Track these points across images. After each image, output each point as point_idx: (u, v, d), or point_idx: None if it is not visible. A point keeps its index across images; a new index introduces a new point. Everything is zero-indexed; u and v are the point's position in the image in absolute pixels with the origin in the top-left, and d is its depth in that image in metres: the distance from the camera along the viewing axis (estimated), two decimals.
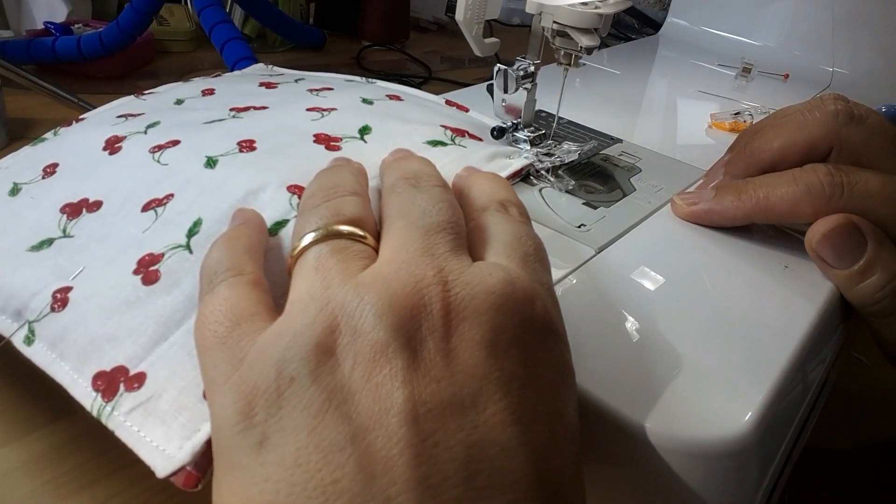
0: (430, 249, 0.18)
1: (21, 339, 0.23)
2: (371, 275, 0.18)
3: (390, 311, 0.16)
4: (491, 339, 0.17)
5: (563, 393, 0.18)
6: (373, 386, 0.15)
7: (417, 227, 0.19)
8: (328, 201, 0.21)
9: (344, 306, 0.17)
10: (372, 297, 0.16)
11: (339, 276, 0.18)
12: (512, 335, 0.17)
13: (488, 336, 0.17)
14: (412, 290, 0.17)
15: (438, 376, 0.16)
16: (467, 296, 0.17)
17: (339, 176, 0.23)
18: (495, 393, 0.16)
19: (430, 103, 0.38)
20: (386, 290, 0.17)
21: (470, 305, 0.17)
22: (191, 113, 0.32)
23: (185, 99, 0.35)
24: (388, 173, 0.24)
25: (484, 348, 0.16)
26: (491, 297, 0.17)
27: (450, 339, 0.16)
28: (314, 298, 0.17)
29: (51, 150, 0.31)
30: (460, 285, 0.17)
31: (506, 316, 0.17)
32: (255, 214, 0.23)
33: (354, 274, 0.18)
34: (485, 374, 0.16)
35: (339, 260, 0.18)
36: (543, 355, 0.18)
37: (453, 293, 0.17)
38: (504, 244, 0.20)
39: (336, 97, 0.35)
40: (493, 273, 0.18)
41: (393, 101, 0.36)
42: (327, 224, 0.20)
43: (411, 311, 0.16)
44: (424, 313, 0.17)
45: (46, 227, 0.26)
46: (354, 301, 0.17)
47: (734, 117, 0.47)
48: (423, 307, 0.17)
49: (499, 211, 0.22)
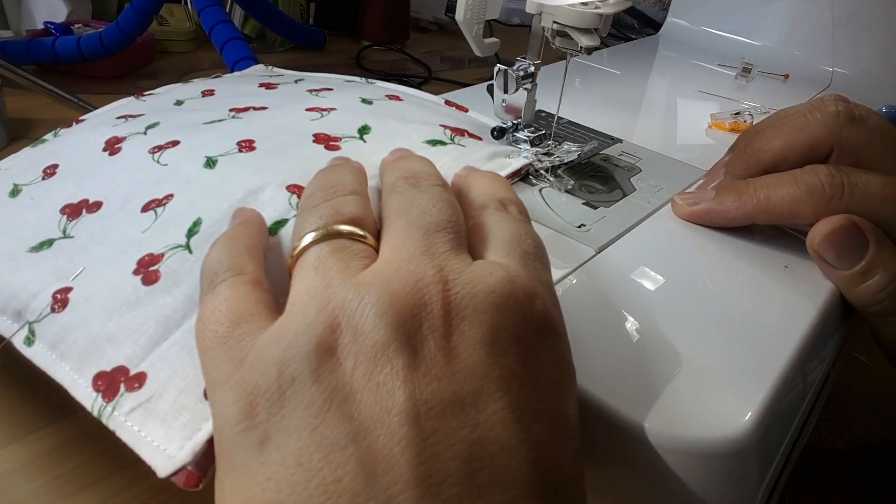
0: (430, 248, 0.18)
1: (21, 340, 0.23)
2: (371, 274, 0.18)
3: (391, 311, 0.16)
4: (491, 338, 0.17)
5: (563, 391, 0.18)
6: (374, 385, 0.15)
7: (417, 226, 0.19)
8: (328, 201, 0.21)
9: (344, 306, 0.17)
10: (372, 297, 0.16)
11: (340, 276, 0.18)
12: (512, 334, 0.17)
13: (488, 335, 0.17)
14: (412, 289, 0.17)
15: (439, 375, 0.16)
16: (467, 295, 0.17)
17: (338, 175, 0.23)
18: (496, 391, 0.16)
19: (429, 103, 0.39)
20: (386, 290, 0.17)
21: (470, 304, 0.17)
22: (190, 114, 0.32)
23: (184, 100, 0.35)
24: (388, 173, 0.24)
25: (484, 347, 0.16)
26: (491, 296, 0.17)
27: (450, 338, 0.16)
28: (314, 298, 0.17)
29: (51, 152, 0.31)
30: (460, 284, 0.17)
31: (506, 314, 0.17)
32: (255, 214, 0.23)
33: (355, 273, 0.18)
34: (485, 373, 0.16)
35: (339, 259, 0.18)
36: (543, 353, 0.18)
37: (453, 292, 0.17)
38: (504, 242, 0.20)
39: (335, 97, 0.35)
40: (493, 272, 0.18)
41: (392, 100, 0.36)
42: (327, 224, 0.20)
43: (412, 311, 0.16)
44: (425, 312, 0.17)
45: (46, 227, 0.26)
46: (355, 300, 0.17)
47: (734, 117, 0.47)
48: (423, 306, 0.17)
49: (498, 209, 0.22)
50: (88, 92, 0.61)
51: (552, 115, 0.41)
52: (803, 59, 0.67)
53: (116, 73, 0.69)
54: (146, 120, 0.31)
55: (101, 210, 0.26)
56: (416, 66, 0.84)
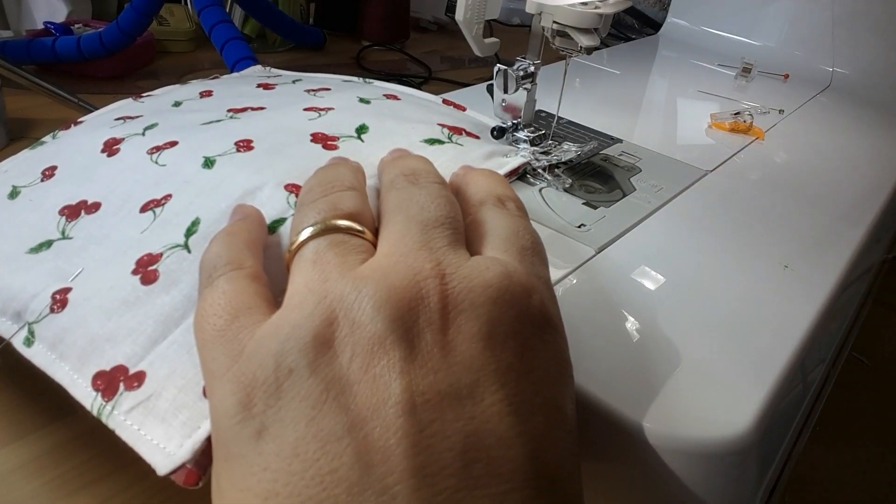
0: (428, 243, 0.18)
1: (21, 341, 0.23)
2: (369, 268, 0.18)
3: (388, 304, 0.16)
4: (488, 332, 0.17)
5: (560, 385, 0.18)
6: (370, 377, 0.15)
7: (415, 221, 0.19)
8: (326, 196, 0.21)
9: (342, 299, 0.17)
10: (370, 290, 0.17)
11: (338, 270, 0.18)
12: (509, 328, 0.17)
13: (485, 328, 0.17)
14: (410, 283, 0.17)
15: (436, 367, 0.16)
16: (465, 289, 0.17)
17: (336, 172, 0.23)
18: (492, 384, 0.16)
19: (427, 102, 0.39)
20: (384, 283, 0.17)
21: (467, 298, 0.17)
22: (188, 115, 0.32)
23: (182, 101, 0.35)
24: (387, 171, 0.24)
25: (481, 340, 0.17)
26: (488, 290, 0.17)
27: (447, 331, 0.16)
28: (312, 291, 0.17)
29: (49, 154, 0.31)
30: (458, 278, 0.17)
31: (503, 309, 0.17)
32: (254, 210, 0.23)
33: (353, 267, 0.18)
34: (482, 366, 0.16)
35: (337, 253, 0.18)
36: (540, 347, 0.18)
37: (451, 286, 0.17)
38: (501, 238, 0.20)
39: (333, 97, 0.35)
40: (491, 267, 0.18)
41: (390, 100, 0.36)
42: (325, 218, 0.20)
43: (409, 304, 0.17)
44: (422, 306, 0.17)
45: (45, 229, 0.26)
46: (352, 294, 0.17)
47: (734, 117, 0.47)
48: (420, 300, 0.17)
49: (496, 206, 0.22)
50: (88, 92, 0.61)
51: (552, 115, 0.41)
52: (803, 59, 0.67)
53: (116, 73, 0.69)
54: (144, 121, 0.31)
55: (99, 211, 0.26)
56: (416, 66, 0.84)
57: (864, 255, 0.33)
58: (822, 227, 0.34)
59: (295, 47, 0.86)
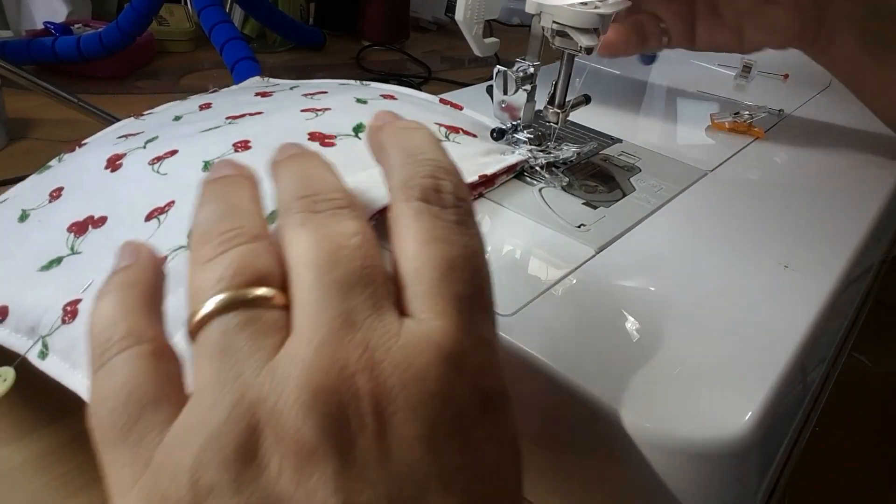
0: (349, 316, 0.16)
1: (36, 355, 0.23)
2: (288, 359, 0.15)
3: (315, 408, 0.14)
4: (428, 434, 0.15)
5: (508, 469, 0.17)
6: (304, 494, 0.14)
7: (328, 283, 0.16)
8: (227, 251, 0.17)
9: (262, 401, 0.15)
10: (293, 391, 0.14)
11: (252, 362, 0.15)
12: (450, 424, 0.16)
13: (425, 431, 0.15)
14: (336, 380, 0.15)
15: (375, 479, 0.14)
16: (397, 384, 0.15)
17: (234, 208, 0.18)
18: (440, 491, 0.15)
19: (424, 102, 0.39)
20: (308, 383, 0.15)
21: (401, 396, 0.15)
22: (188, 126, 0.33)
23: (182, 115, 0.36)
24: (281, 181, 0.19)
25: (421, 444, 0.15)
26: (423, 383, 0.15)
27: (383, 436, 0.15)
28: (225, 390, 0.15)
29: (56, 176, 0.32)
30: (389, 367, 0.15)
31: (441, 405, 0.16)
32: (148, 251, 0.19)
33: (268, 356, 0.15)
34: (424, 473, 0.15)
35: (249, 337, 0.16)
36: (484, 436, 0.16)
37: (381, 379, 0.15)
38: (433, 281, 0.17)
39: (330, 99, 0.35)
40: (424, 349, 0.16)
41: (387, 100, 0.36)
42: (230, 285, 0.16)
43: (338, 406, 0.15)
44: (352, 408, 0.15)
45: (55, 246, 0.26)
46: (273, 395, 0.15)
47: (734, 117, 0.47)
48: (349, 401, 0.15)
49: (428, 203, 0.18)
50: (88, 92, 0.61)
51: None
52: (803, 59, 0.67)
53: (116, 73, 0.69)
54: (145, 136, 0.32)
55: (106, 224, 0.26)
56: (415, 66, 0.84)
57: (864, 255, 0.33)
58: (821, 227, 0.34)
59: (295, 47, 0.86)
